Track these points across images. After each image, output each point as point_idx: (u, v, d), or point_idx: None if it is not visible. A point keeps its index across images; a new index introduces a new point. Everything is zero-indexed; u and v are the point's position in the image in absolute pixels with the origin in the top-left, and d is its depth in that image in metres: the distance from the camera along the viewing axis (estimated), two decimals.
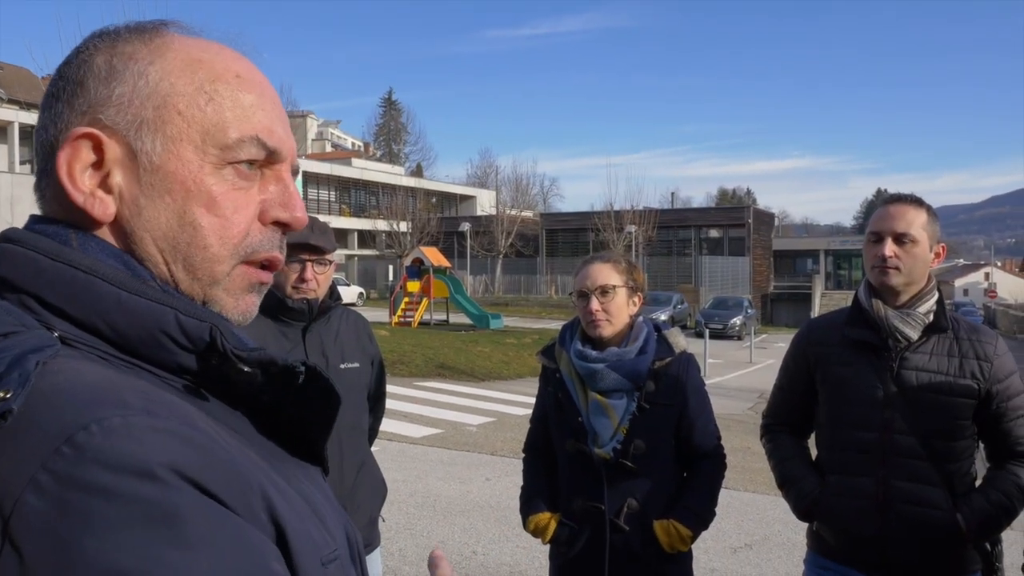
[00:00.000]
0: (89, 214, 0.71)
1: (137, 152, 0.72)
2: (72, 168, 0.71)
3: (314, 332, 2.64)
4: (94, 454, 0.54)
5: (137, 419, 0.58)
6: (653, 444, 2.42)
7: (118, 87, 0.72)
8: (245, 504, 0.60)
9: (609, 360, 2.44)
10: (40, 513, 0.53)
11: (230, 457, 0.61)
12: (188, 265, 0.74)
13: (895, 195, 2.40)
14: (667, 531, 2.39)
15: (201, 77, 0.74)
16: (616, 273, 2.50)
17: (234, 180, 0.74)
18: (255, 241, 0.76)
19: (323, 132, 78.74)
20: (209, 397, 0.71)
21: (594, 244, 42.68)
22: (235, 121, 0.74)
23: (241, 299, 0.78)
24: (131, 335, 0.68)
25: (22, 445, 0.56)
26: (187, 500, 0.56)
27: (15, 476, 0.54)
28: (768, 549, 5.77)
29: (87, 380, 0.61)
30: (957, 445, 2.26)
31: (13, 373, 0.57)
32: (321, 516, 0.71)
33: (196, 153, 0.73)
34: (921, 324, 2.29)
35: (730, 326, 30.09)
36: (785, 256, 55.05)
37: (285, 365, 0.71)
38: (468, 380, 15.27)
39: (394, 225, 44.49)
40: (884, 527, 2.26)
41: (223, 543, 0.56)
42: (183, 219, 0.73)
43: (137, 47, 0.74)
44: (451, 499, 6.83)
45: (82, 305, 0.67)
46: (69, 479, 0.53)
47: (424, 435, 9.65)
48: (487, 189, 65.37)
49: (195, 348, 0.69)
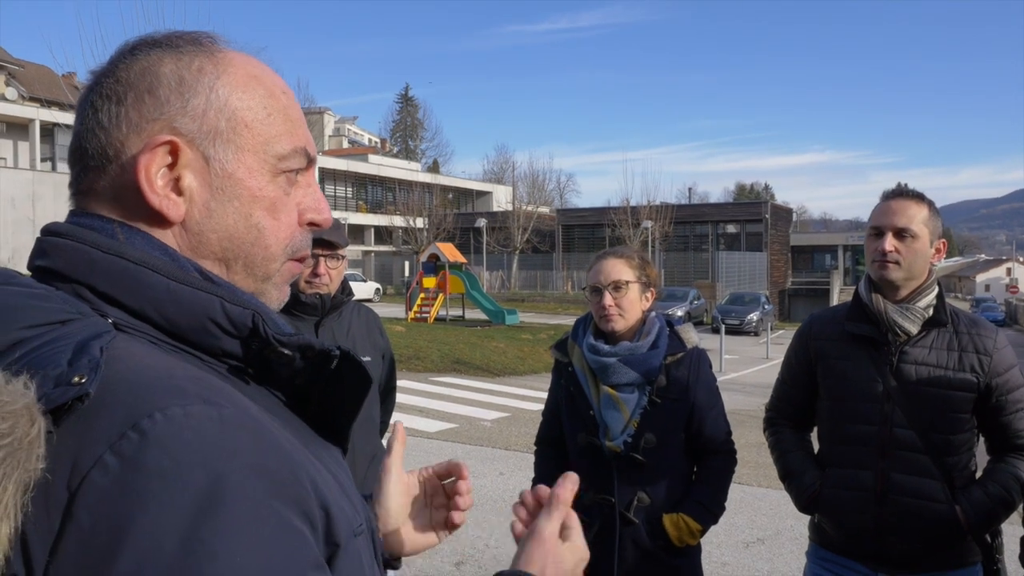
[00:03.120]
0: (164, 215, 0.76)
1: (210, 160, 0.78)
2: (150, 172, 0.75)
3: (326, 326, 2.69)
4: (156, 440, 0.59)
5: (196, 408, 0.62)
6: (663, 438, 2.44)
7: (192, 98, 0.77)
8: (299, 486, 0.65)
9: (621, 354, 2.46)
10: (103, 489, 0.58)
11: (281, 443, 0.66)
12: (248, 263, 0.81)
13: (897, 190, 2.41)
14: (676, 525, 2.41)
15: (261, 93, 0.81)
16: (629, 268, 2.51)
17: (284, 187, 0.82)
18: (298, 241, 0.85)
19: (340, 128, 78.99)
20: (249, 381, 0.76)
21: (610, 240, 42.61)
22: (287, 134, 0.82)
23: (282, 290, 0.86)
24: (180, 322, 0.73)
25: (92, 427, 0.60)
26: (236, 487, 0.60)
27: (85, 454, 0.59)
28: (780, 544, 5.79)
29: (146, 366, 0.66)
30: (956, 438, 2.28)
31: (83, 359, 0.62)
32: (348, 492, 0.76)
33: (259, 162, 0.80)
34: (921, 318, 2.30)
35: (747, 322, 29.87)
36: (803, 252, 54.70)
37: (322, 349, 0.76)
38: (483, 375, 15.31)
39: (410, 221, 44.60)
40: (883, 519, 2.28)
41: (265, 536, 0.60)
42: (248, 222, 0.80)
43: (204, 61, 0.80)
44: None
45: (133, 294, 0.72)
46: (132, 461, 0.58)
47: (439, 430, 9.71)
48: (503, 185, 65.30)
49: (239, 334, 0.74)
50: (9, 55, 38.31)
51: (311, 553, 0.64)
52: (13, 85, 36.39)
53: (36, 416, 0.58)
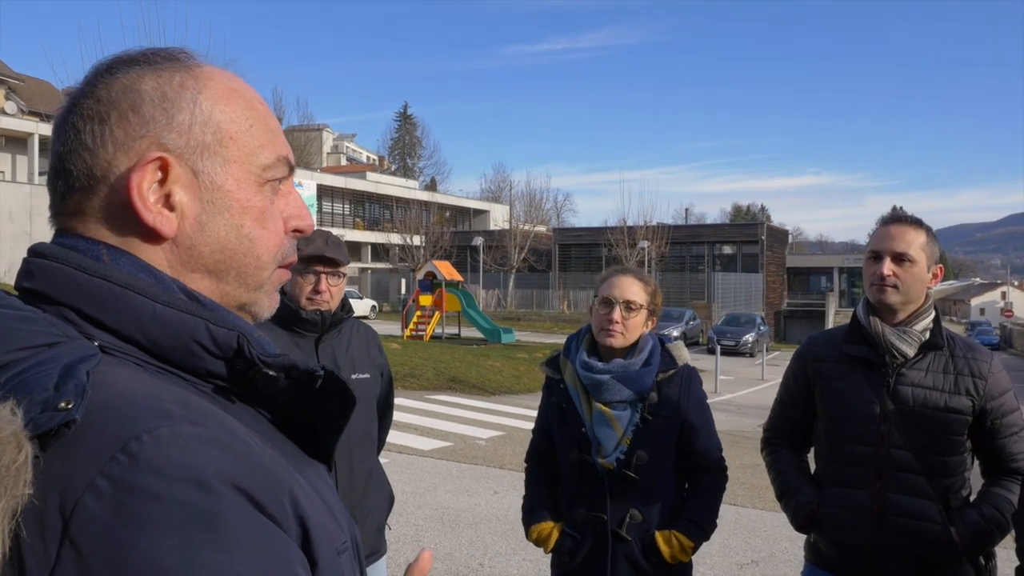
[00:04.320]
0: (157, 231, 0.77)
1: (198, 174, 0.78)
2: (142, 189, 0.76)
3: (326, 343, 2.70)
4: (147, 461, 0.60)
5: (183, 428, 0.63)
6: (655, 455, 2.45)
7: (177, 114, 0.78)
8: (278, 503, 0.66)
9: (614, 371, 2.47)
10: (98, 514, 0.58)
11: (264, 461, 0.67)
12: (241, 274, 0.82)
13: (895, 215, 2.45)
14: (669, 541, 2.42)
15: (242, 105, 0.83)
16: (644, 293, 2.54)
17: (269, 196, 0.84)
18: (285, 248, 0.86)
19: (338, 146, 79.15)
20: (235, 400, 0.77)
21: (607, 259, 42.65)
22: (268, 144, 0.84)
23: (273, 298, 0.87)
24: (165, 344, 0.73)
25: (80, 452, 0.61)
26: (227, 505, 0.61)
27: (75, 480, 0.59)
28: (774, 566, 5.78)
29: (132, 390, 0.67)
30: (951, 460, 2.30)
31: (69, 384, 0.62)
32: (332, 509, 0.77)
33: (245, 174, 0.81)
34: (917, 341, 2.33)
35: (742, 343, 29.93)
36: (799, 273, 54.85)
37: (306, 369, 0.77)
38: (478, 394, 15.29)
39: (407, 239, 44.63)
40: (879, 539, 2.30)
41: (257, 546, 0.62)
42: (240, 233, 0.81)
43: (184, 76, 0.80)
44: (459, 511, 6.87)
45: (120, 317, 0.73)
46: (124, 484, 0.59)
47: (433, 448, 9.68)
48: (501, 203, 65.52)
49: (224, 355, 0.75)
50: (10, 69, 38.43)
51: (297, 553, 0.66)
52: (13, 99, 36.49)
53: (23, 442, 0.58)
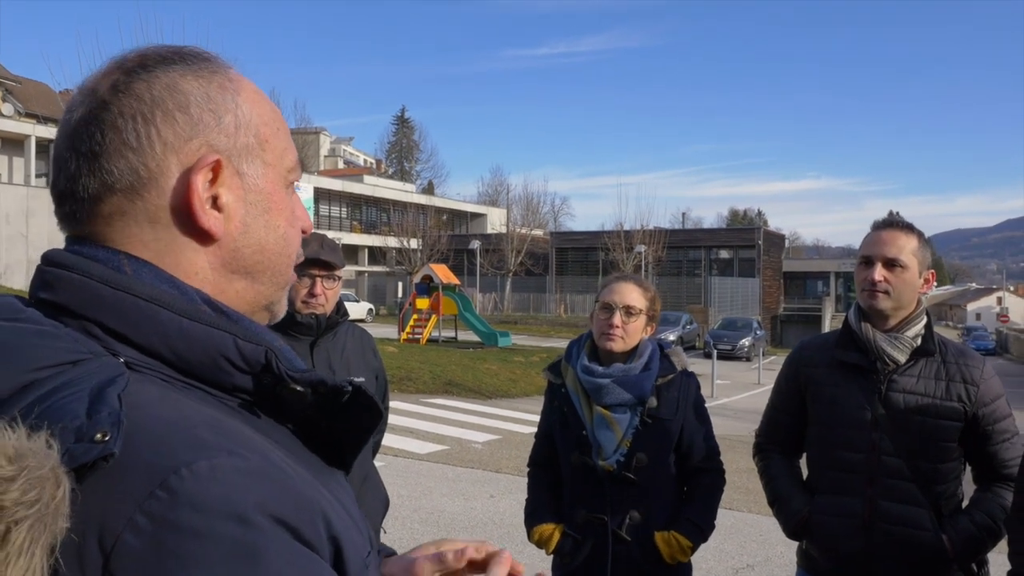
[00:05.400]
0: (210, 233, 0.76)
1: (243, 176, 0.79)
2: (200, 191, 0.75)
3: (321, 347, 2.70)
4: (186, 498, 0.59)
5: (221, 461, 0.62)
6: (655, 457, 2.50)
7: (224, 116, 0.78)
8: (314, 529, 0.66)
9: (615, 375, 2.52)
10: (138, 551, 0.58)
11: (299, 487, 0.67)
12: (275, 272, 0.83)
13: (887, 220, 2.45)
14: (668, 542, 2.47)
15: (268, 108, 0.84)
16: (644, 299, 2.60)
17: (291, 197, 0.86)
18: (299, 248, 0.88)
19: (336, 149, 79.18)
20: (260, 414, 0.76)
21: (604, 263, 42.70)
22: (290, 147, 0.85)
23: (286, 296, 0.89)
24: (192, 359, 0.72)
25: (118, 486, 0.60)
26: (267, 538, 0.61)
27: (114, 516, 0.59)
28: (769, 570, 5.78)
29: (164, 417, 0.66)
30: (943, 467, 2.29)
31: (103, 412, 0.61)
32: (355, 519, 0.76)
33: (277, 175, 0.83)
34: (909, 347, 2.33)
35: (739, 347, 29.93)
36: (796, 277, 54.86)
37: (334, 385, 0.77)
38: (475, 397, 15.27)
39: (404, 242, 44.62)
40: (870, 547, 2.29)
41: (295, 572, 0.62)
42: (277, 233, 0.83)
43: (222, 79, 0.80)
44: (455, 515, 6.86)
45: (145, 331, 0.71)
46: (163, 520, 0.59)
47: (430, 451, 9.67)
48: (498, 207, 65.46)
49: (252, 370, 0.74)
50: (7, 71, 38.39)
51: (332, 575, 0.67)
52: (10, 101, 36.44)
53: (61, 478, 0.57)
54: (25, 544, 0.55)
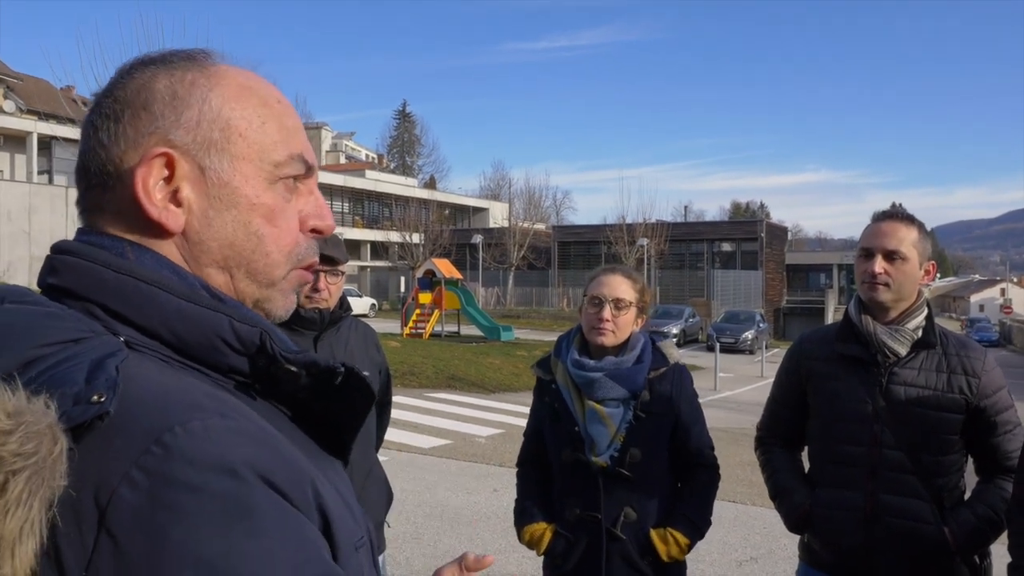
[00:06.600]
0: (164, 226, 0.78)
1: (205, 170, 0.79)
2: (147, 184, 0.77)
3: (325, 341, 2.71)
4: (180, 452, 0.61)
5: (214, 421, 0.65)
6: (649, 453, 2.45)
7: (185, 111, 0.79)
8: (302, 494, 0.67)
9: (607, 369, 2.47)
10: (133, 505, 0.59)
11: (291, 454, 0.69)
12: (251, 270, 0.83)
13: (887, 212, 2.44)
14: (664, 539, 2.42)
15: (254, 102, 0.83)
16: (632, 290, 2.54)
17: (283, 194, 0.84)
18: (302, 249, 0.86)
19: (337, 144, 79.05)
20: (256, 396, 0.78)
21: (606, 257, 42.63)
22: (283, 142, 0.84)
23: (288, 297, 0.88)
24: (189, 340, 0.75)
25: (113, 444, 0.62)
26: (260, 494, 0.63)
27: (109, 472, 0.61)
28: (773, 563, 5.79)
29: (162, 383, 0.68)
30: (945, 459, 2.29)
31: (100, 378, 0.64)
32: (349, 506, 0.78)
33: (255, 170, 0.82)
34: (910, 340, 2.32)
35: (742, 340, 29.92)
36: (798, 270, 54.80)
37: (326, 366, 0.79)
38: (478, 392, 15.30)
39: (407, 237, 44.58)
40: (872, 540, 2.29)
41: (288, 534, 0.64)
42: (248, 229, 0.81)
43: (196, 75, 0.82)
44: (458, 509, 6.88)
45: (145, 313, 0.74)
46: (158, 474, 0.60)
47: (433, 446, 9.70)
48: (500, 201, 65.40)
49: (247, 351, 0.77)
50: (8, 68, 38.40)
51: (323, 541, 0.69)
52: (11, 98, 36.47)
53: (58, 435, 0.59)
54: (23, 495, 0.57)
